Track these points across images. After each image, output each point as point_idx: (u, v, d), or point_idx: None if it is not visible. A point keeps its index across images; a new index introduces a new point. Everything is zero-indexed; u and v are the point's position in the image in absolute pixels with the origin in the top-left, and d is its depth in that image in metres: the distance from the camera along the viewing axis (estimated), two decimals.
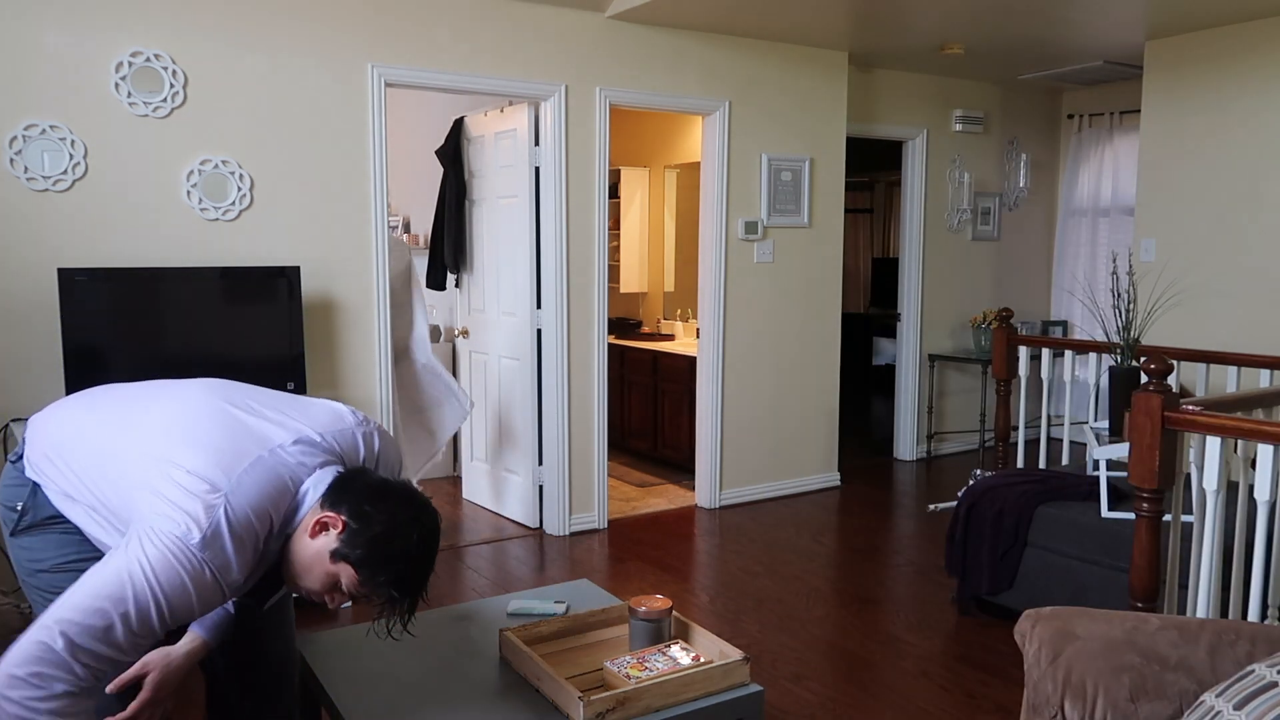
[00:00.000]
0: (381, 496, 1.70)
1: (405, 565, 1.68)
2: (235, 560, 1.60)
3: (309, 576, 1.70)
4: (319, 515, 1.68)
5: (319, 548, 1.68)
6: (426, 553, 1.72)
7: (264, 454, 1.69)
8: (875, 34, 5.04)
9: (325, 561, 1.67)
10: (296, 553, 1.70)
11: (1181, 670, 1.77)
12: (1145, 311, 5.02)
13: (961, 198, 6.36)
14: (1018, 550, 3.56)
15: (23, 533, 1.84)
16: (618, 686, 2.01)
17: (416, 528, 1.71)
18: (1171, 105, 5.12)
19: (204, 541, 1.56)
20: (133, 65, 3.59)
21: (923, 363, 6.35)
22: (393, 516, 1.68)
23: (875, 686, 3.15)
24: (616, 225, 6.92)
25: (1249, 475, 2.82)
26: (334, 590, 1.71)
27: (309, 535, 1.68)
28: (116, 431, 1.77)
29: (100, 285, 3.42)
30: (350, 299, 4.11)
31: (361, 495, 1.69)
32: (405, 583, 1.69)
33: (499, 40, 4.35)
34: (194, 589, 1.56)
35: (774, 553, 4.51)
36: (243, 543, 1.61)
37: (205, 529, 1.57)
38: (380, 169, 4.12)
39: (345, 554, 1.66)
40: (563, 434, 4.74)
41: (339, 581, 1.69)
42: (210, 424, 1.73)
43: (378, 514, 1.67)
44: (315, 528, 1.68)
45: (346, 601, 1.74)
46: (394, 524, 1.68)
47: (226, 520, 1.59)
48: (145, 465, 1.67)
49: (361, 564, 1.66)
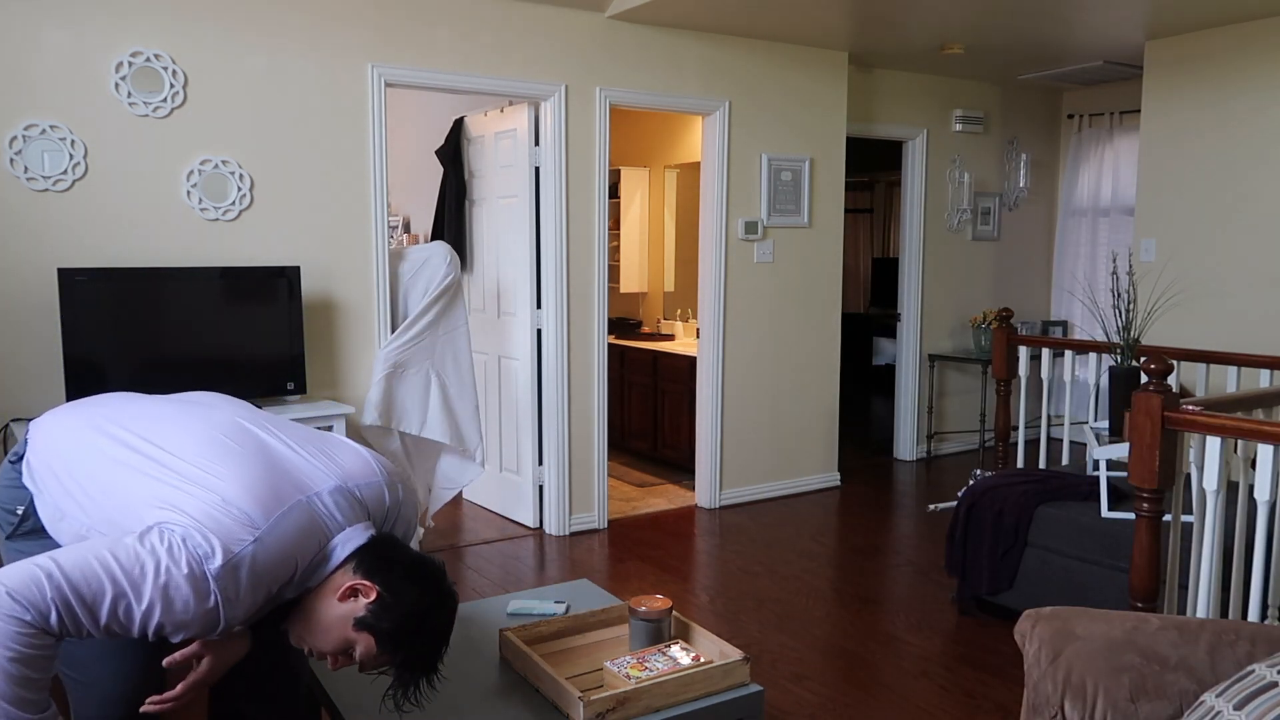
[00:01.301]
0: (418, 574, 1.70)
1: (426, 645, 1.69)
2: (246, 600, 1.56)
3: (325, 638, 1.67)
4: (352, 580, 1.65)
5: (344, 613, 1.65)
6: (445, 634, 1.73)
7: (302, 499, 1.64)
8: (875, 34, 5.04)
9: (348, 628, 1.65)
10: (318, 612, 1.67)
11: (1181, 670, 1.77)
12: (1145, 311, 5.02)
13: (961, 198, 6.36)
14: (1018, 550, 3.56)
15: (21, 537, 1.79)
16: (618, 686, 2.01)
17: (444, 611, 1.72)
18: (1171, 105, 5.12)
19: (222, 571, 1.52)
20: (133, 65, 3.59)
21: (923, 363, 6.35)
22: (424, 596, 1.68)
23: (875, 686, 3.15)
24: (616, 225, 6.92)
25: (1249, 475, 2.82)
26: (343, 654, 1.69)
27: (337, 598, 1.65)
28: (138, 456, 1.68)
29: (100, 285, 3.42)
30: (350, 299, 4.11)
31: (398, 569, 1.68)
32: (422, 662, 1.70)
33: (499, 40, 4.35)
34: (194, 611, 1.52)
35: (774, 553, 4.51)
36: (260, 585, 1.58)
37: (228, 560, 1.52)
38: (380, 169, 4.12)
39: (371, 625, 1.64)
40: (563, 434, 4.74)
41: (354, 648, 1.67)
42: (247, 454, 1.68)
43: (411, 591, 1.66)
44: (346, 592, 1.65)
45: (349, 666, 1.72)
46: (425, 604, 1.68)
47: (253, 560, 1.55)
48: (170, 486, 1.61)
49: (386, 638, 1.65)
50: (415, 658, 1.69)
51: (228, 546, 1.52)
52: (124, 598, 1.48)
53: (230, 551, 1.52)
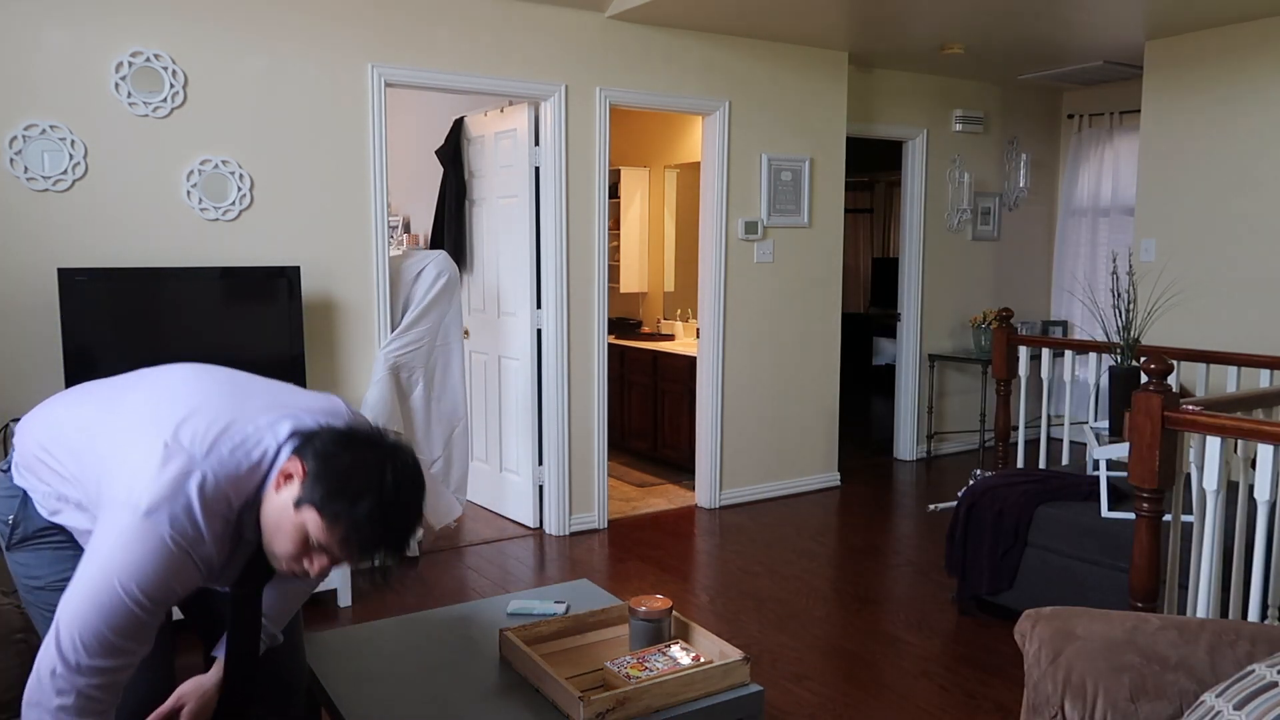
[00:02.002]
0: (345, 438, 1.59)
1: (374, 504, 1.53)
2: (206, 534, 1.53)
3: (280, 536, 1.58)
4: (283, 467, 1.59)
5: (285, 500, 1.56)
6: (400, 492, 1.57)
7: (249, 429, 1.61)
8: (875, 34, 5.04)
9: (290, 513, 1.55)
10: (266, 513, 1.60)
11: (1181, 670, 1.77)
12: (1145, 311, 5.02)
13: (961, 198, 6.36)
14: (1018, 550, 3.56)
15: (17, 547, 1.79)
16: (618, 686, 2.01)
17: (387, 466, 1.56)
18: (1171, 105, 5.12)
19: (170, 517, 1.50)
20: (133, 65, 3.59)
21: (923, 363, 6.35)
22: (359, 455, 1.56)
23: (875, 686, 3.15)
24: (616, 225, 6.92)
25: (1249, 475, 2.82)
26: (307, 547, 1.57)
27: (274, 490, 1.58)
28: (100, 415, 1.71)
29: (100, 285, 3.42)
30: (350, 299, 4.11)
31: (326, 439, 1.58)
32: (375, 524, 1.54)
33: (499, 40, 4.35)
34: (169, 571, 1.51)
35: (774, 553, 4.51)
36: (212, 515, 1.54)
37: (171, 503, 1.50)
38: (380, 169, 4.12)
39: (309, 499, 1.53)
40: (563, 434, 4.74)
41: (308, 535, 1.55)
42: (194, 397, 1.67)
43: (341, 455, 1.56)
44: (280, 480, 1.58)
45: (326, 567, 1.60)
46: (359, 462, 1.55)
47: (199, 492, 1.52)
48: (122, 440, 1.61)
49: (325, 504, 1.52)
50: (367, 519, 1.53)
51: (165, 492, 1.51)
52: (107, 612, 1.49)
53: (170, 494, 1.51)
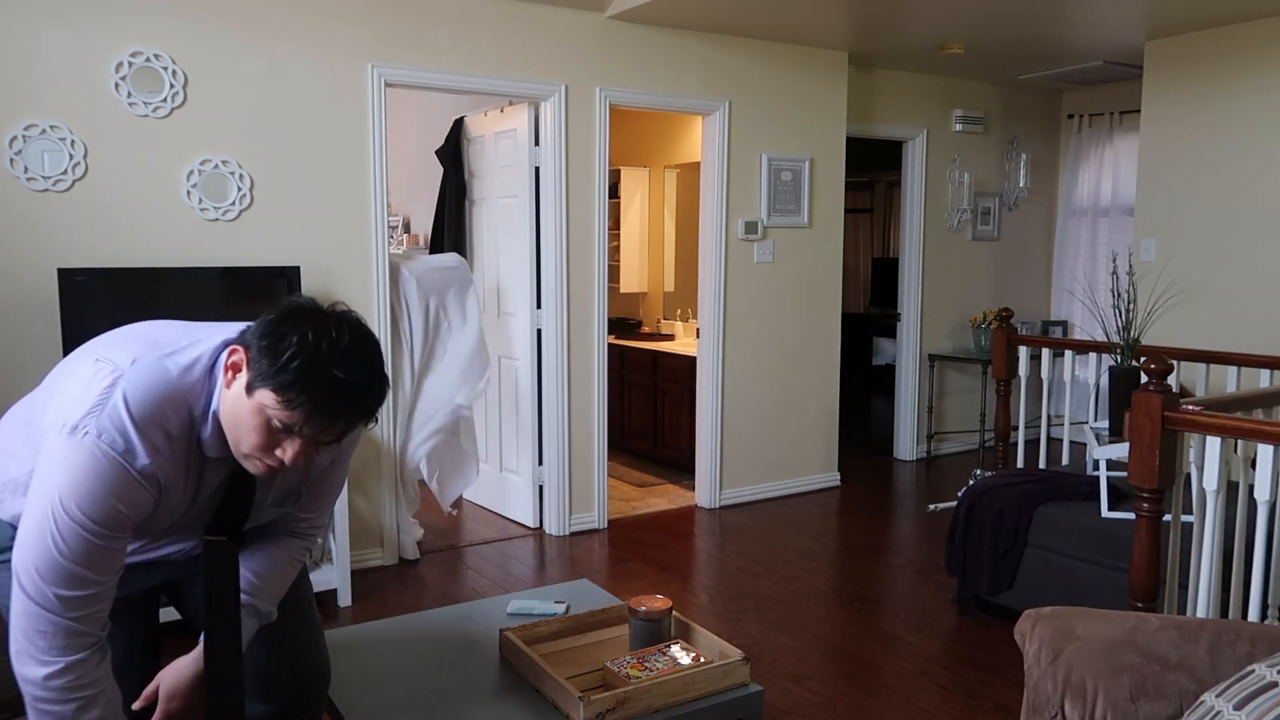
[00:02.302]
0: (282, 315, 1.50)
1: (326, 366, 1.45)
2: (140, 443, 1.46)
3: (243, 431, 1.50)
4: (227, 361, 1.52)
5: (236, 391, 1.49)
6: (353, 351, 1.49)
7: (181, 343, 1.57)
8: (875, 34, 5.04)
9: (245, 401, 1.48)
10: (224, 413, 1.52)
11: (1181, 670, 1.77)
12: (1145, 311, 5.02)
13: (961, 198, 6.36)
14: (1018, 550, 3.56)
15: None
16: (618, 686, 2.01)
17: (330, 328, 1.49)
18: (1171, 105, 5.12)
19: (98, 427, 1.44)
20: (133, 65, 3.59)
21: (923, 363, 6.35)
22: (299, 325, 1.47)
23: (875, 686, 3.15)
24: (616, 225, 6.92)
25: (1249, 475, 2.82)
26: (275, 434, 1.49)
27: (225, 387, 1.52)
28: (47, 379, 1.69)
29: (100, 285, 3.42)
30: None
31: (261, 323, 1.51)
32: (330, 386, 1.46)
33: (499, 40, 4.35)
34: (108, 489, 1.44)
35: (774, 553, 4.51)
36: (147, 424, 1.47)
37: (97, 413, 1.44)
38: (380, 169, 4.12)
39: (259, 379, 1.46)
40: (563, 434, 4.74)
41: (269, 418, 1.47)
42: (131, 328, 1.65)
43: (280, 329, 1.48)
44: (228, 374, 1.51)
45: (300, 451, 1.51)
46: (299, 329, 1.47)
47: (124, 401, 1.46)
48: (59, 383, 1.58)
49: (274, 377, 1.44)
50: (321, 384, 1.45)
51: (86, 401, 1.47)
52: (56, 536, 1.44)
53: (90, 402, 1.46)
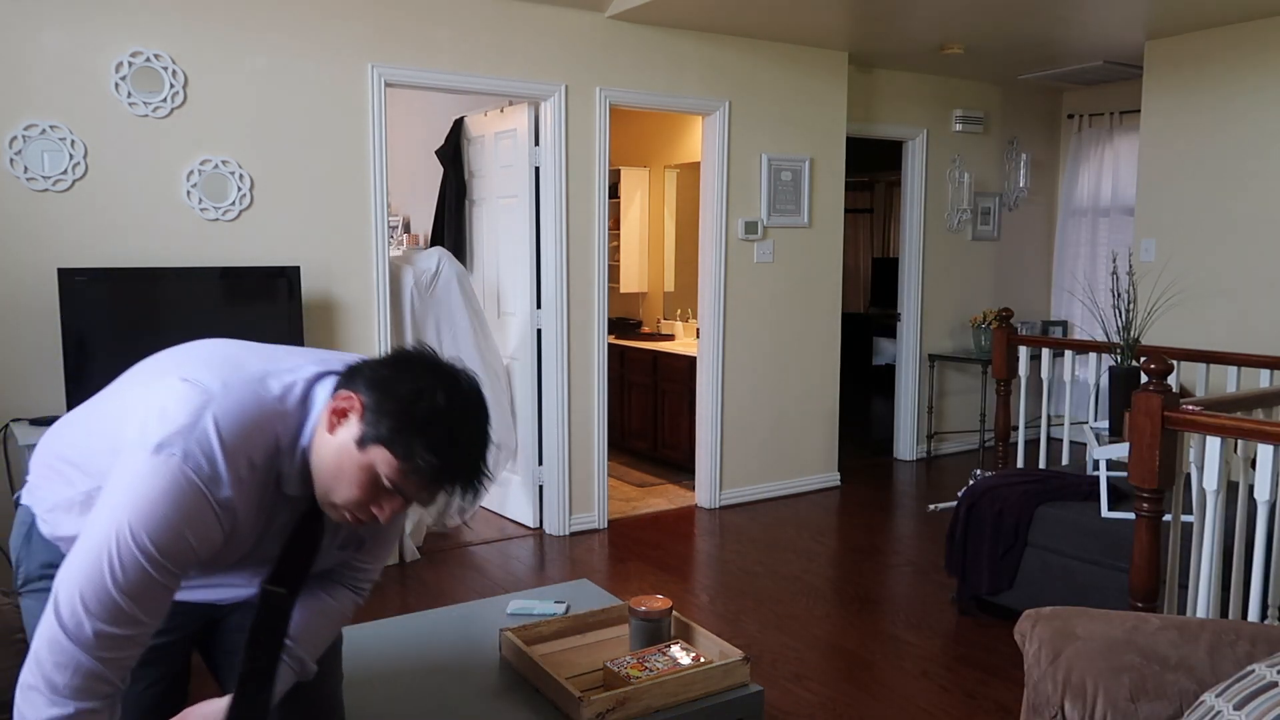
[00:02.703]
0: (399, 362, 1.45)
1: (446, 428, 1.39)
2: (225, 472, 1.35)
3: (342, 483, 1.41)
4: (332, 404, 1.43)
5: (342, 441, 1.41)
6: (471, 414, 1.44)
7: (268, 368, 1.47)
8: (875, 34, 5.04)
9: (354, 453, 1.40)
10: (320, 460, 1.43)
11: (1181, 670, 1.77)
12: (1145, 311, 5.01)
13: (961, 198, 6.36)
14: (1018, 550, 3.56)
15: (25, 592, 1.63)
16: (618, 686, 2.01)
17: (449, 385, 1.42)
18: (1171, 105, 5.12)
19: (185, 452, 1.33)
20: (133, 65, 3.59)
21: (923, 363, 6.35)
22: (416, 379, 1.41)
23: (875, 686, 3.15)
24: (616, 225, 6.92)
25: (1249, 475, 2.82)
26: (377, 490, 1.42)
27: (328, 432, 1.42)
28: (110, 390, 1.57)
29: (100, 285, 3.42)
30: (350, 299, 4.11)
31: (375, 368, 1.44)
32: (452, 451, 1.40)
33: (499, 40, 4.34)
34: (182, 516, 1.33)
35: (774, 553, 4.51)
36: (234, 452, 1.37)
37: (186, 436, 1.34)
38: (380, 169, 4.12)
39: (374, 434, 1.38)
40: (563, 434, 4.74)
41: (378, 475, 1.40)
42: (206, 348, 1.54)
43: (398, 380, 1.41)
44: (332, 419, 1.42)
45: (400, 507, 1.45)
46: (418, 386, 1.40)
47: (215, 427, 1.35)
48: (133, 396, 1.48)
49: (395, 436, 1.37)
50: (443, 444, 1.39)
51: (177, 422, 1.35)
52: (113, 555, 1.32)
53: (182, 422, 1.35)
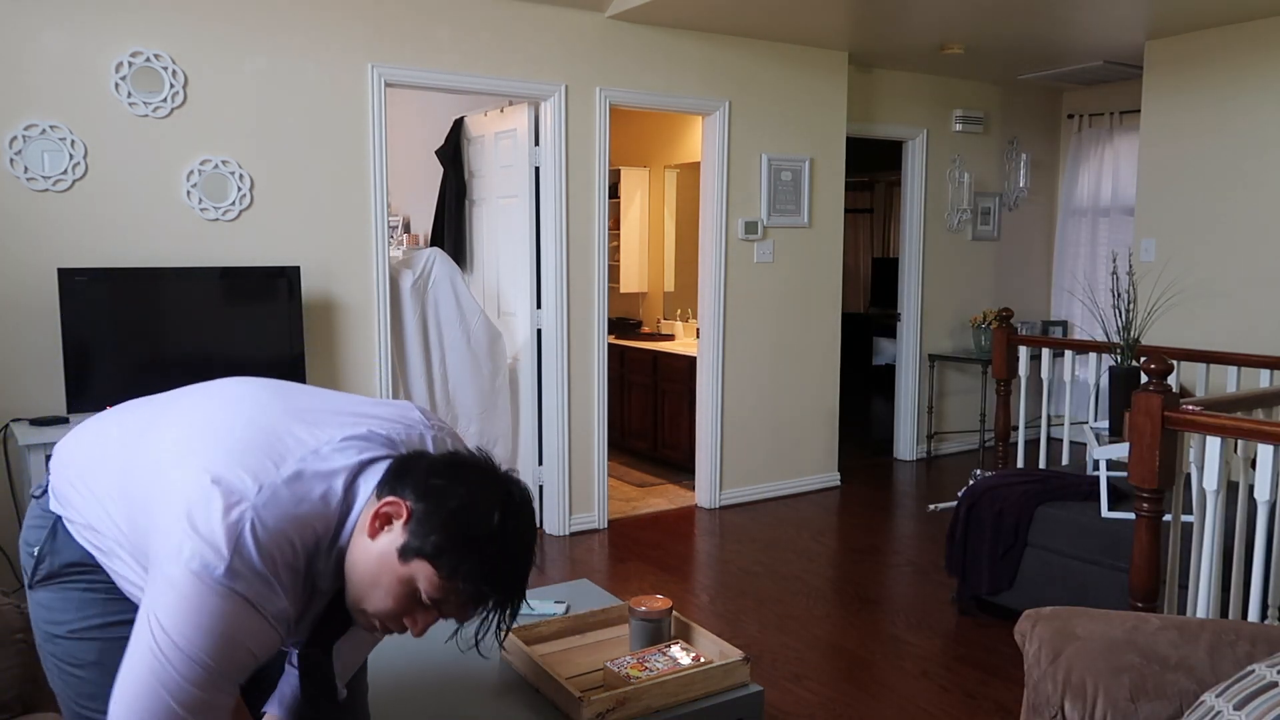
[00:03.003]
0: (453, 469, 1.35)
1: (496, 549, 1.31)
2: (276, 585, 1.28)
3: (377, 592, 1.33)
4: (377, 507, 1.33)
5: (383, 548, 1.32)
6: (521, 535, 1.35)
7: (306, 455, 1.36)
8: (875, 34, 5.04)
9: (394, 564, 1.31)
10: (357, 565, 1.34)
11: (1181, 670, 1.77)
12: (1145, 311, 5.01)
13: (961, 198, 6.36)
14: (1018, 550, 3.56)
15: (40, 585, 1.56)
16: (618, 686, 2.01)
17: (503, 502, 1.34)
18: (1171, 105, 5.12)
19: (230, 571, 1.24)
20: (133, 65, 3.59)
21: (923, 363, 6.35)
22: (469, 491, 1.32)
23: (875, 686, 3.15)
24: (616, 225, 6.92)
25: (1249, 475, 2.82)
26: (413, 604, 1.34)
27: (368, 536, 1.33)
28: (135, 439, 1.47)
29: (100, 285, 3.42)
30: (350, 299, 4.11)
31: (426, 473, 1.34)
32: (499, 573, 1.33)
33: (499, 40, 4.34)
34: (240, 635, 1.26)
35: (774, 553, 4.51)
36: (278, 565, 1.29)
37: (229, 553, 1.25)
38: (380, 169, 4.12)
39: (418, 547, 1.29)
40: (563, 434, 4.74)
41: (417, 589, 1.32)
42: (240, 420, 1.43)
43: (450, 490, 1.32)
44: (375, 524, 1.33)
45: (433, 620, 1.37)
46: (472, 499, 1.32)
47: (255, 538, 1.26)
48: (157, 476, 1.38)
49: (440, 555, 1.29)
50: (490, 568, 1.31)
51: (219, 544, 1.26)
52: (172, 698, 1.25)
53: (226, 547, 1.26)
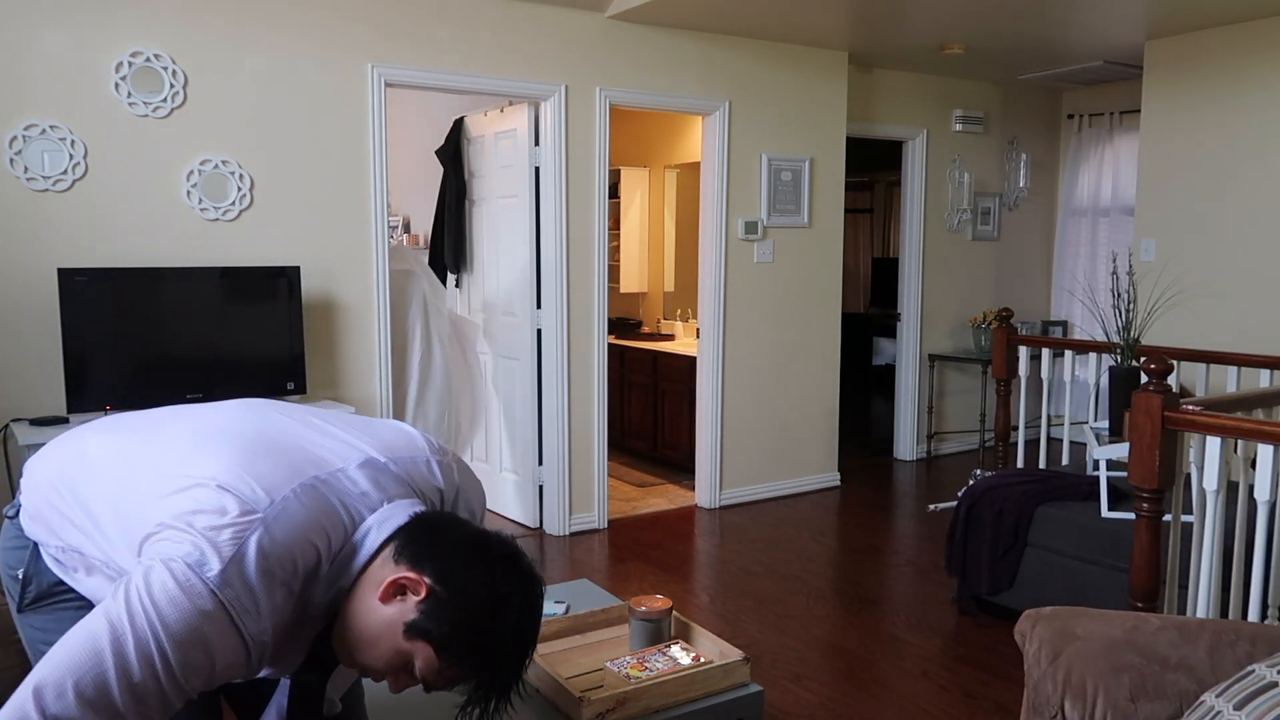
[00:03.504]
0: (479, 557, 1.31)
1: (502, 650, 1.30)
2: (264, 604, 1.24)
3: (372, 651, 1.31)
4: (395, 574, 1.29)
5: (390, 617, 1.29)
6: (530, 638, 1.34)
7: (320, 474, 1.33)
8: (875, 34, 5.04)
9: (397, 636, 1.29)
10: (358, 618, 1.31)
11: (1181, 670, 1.77)
12: (1145, 311, 5.02)
13: (961, 198, 6.36)
14: (1018, 550, 3.56)
15: (31, 609, 1.50)
16: (618, 686, 2.01)
17: (520, 601, 1.32)
18: (1171, 105, 5.12)
19: (223, 576, 1.20)
20: (133, 65, 3.59)
21: (923, 363, 6.35)
22: (492, 586, 1.29)
23: (875, 686, 3.15)
24: (616, 225, 6.92)
25: (1249, 475, 2.82)
26: (400, 671, 1.32)
27: (378, 598, 1.29)
28: (131, 448, 1.42)
29: (100, 285, 3.42)
30: (350, 299, 4.11)
31: (453, 553, 1.31)
32: (502, 671, 1.32)
33: (499, 40, 4.35)
34: (210, 637, 1.20)
35: (774, 553, 4.51)
36: (274, 582, 1.25)
37: (227, 557, 1.21)
38: (380, 169, 4.12)
39: (426, 630, 1.27)
40: (563, 434, 4.74)
41: (411, 663, 1.30)
42: (251, 433, 1.39)
43: (473, 581, 1.29)
44: (388, 589, 1.29)
45: (414, 685, 1.35)
46: (493, 597, 1.29)
47: (259, 550, 1.23)
48: (161, 480, 1.32)
49: (446, 646, 1.28)
50: (491, 666, 1.30)
51: (220, 545, 1.22)
52: (128, 660, 1.17)
53: (227, 550, 1.22)
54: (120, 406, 3.46)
